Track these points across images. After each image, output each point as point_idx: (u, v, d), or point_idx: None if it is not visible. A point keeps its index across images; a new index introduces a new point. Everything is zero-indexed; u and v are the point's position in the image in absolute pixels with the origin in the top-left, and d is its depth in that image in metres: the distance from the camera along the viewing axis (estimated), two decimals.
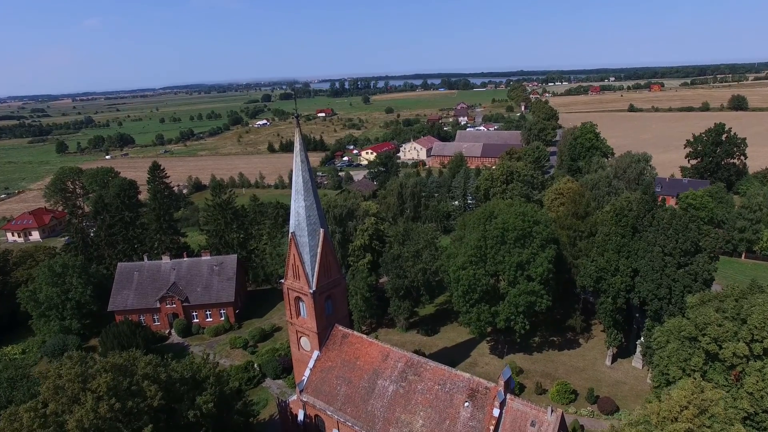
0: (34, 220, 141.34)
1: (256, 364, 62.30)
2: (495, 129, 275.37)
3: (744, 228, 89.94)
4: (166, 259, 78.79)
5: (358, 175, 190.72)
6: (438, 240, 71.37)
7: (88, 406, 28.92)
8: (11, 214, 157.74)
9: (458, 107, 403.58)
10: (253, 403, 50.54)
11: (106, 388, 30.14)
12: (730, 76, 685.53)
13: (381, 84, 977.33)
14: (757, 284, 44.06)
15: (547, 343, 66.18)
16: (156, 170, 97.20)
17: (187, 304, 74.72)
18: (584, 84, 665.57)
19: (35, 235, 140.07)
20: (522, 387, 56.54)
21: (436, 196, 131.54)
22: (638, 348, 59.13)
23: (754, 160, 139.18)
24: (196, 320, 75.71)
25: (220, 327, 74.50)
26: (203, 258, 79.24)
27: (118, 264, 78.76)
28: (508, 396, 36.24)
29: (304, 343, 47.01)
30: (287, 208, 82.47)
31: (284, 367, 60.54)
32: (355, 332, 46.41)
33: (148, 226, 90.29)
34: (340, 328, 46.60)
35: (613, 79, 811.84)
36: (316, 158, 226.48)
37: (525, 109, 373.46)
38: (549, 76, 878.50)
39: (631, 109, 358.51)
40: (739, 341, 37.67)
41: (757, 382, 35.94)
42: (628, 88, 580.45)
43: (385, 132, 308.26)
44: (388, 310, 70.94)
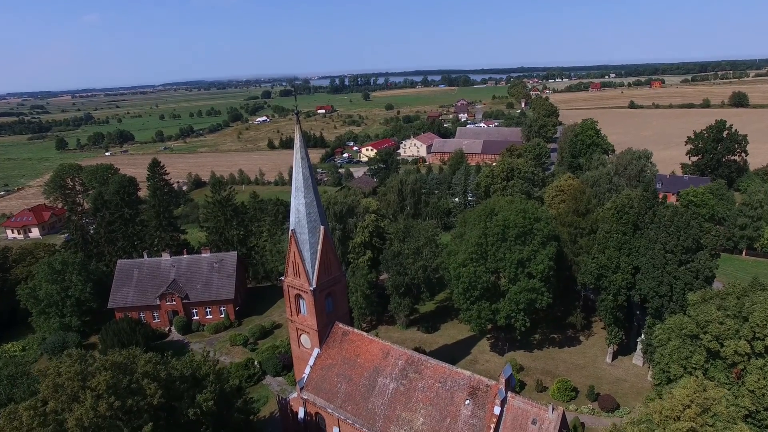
0: (34, 217, 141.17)
1: (256, 362, 62.25)
2: (495, 126, 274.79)
3: (745, 225, 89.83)
4: (165, 256, 78.67)
5: (358, 172, 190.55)
6: (438, 237, 71.25)
7: (87, 404, 28.82)
8: (11, 211, 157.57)
9: (458, 104, 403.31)
10: (253, 400, 50.52)
11: (106, 387, 30.03)
12: (731, 72, 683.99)
13: (381, 80, 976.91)
14: (758, 282, 43.92)
15: (548, 340, 66.12)
16: (156, 167, 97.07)
17: (187, 302, 74.64)
18: (585, 81, 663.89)
19: (35, 232, 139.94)
20: (522, 384, 56.49)
21: (437, 193, 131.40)
22: (639, 345, 59.07)
23: (754, 157, 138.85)
24: (196, 317, 75.66)
25: (220, 324, 74.45)
26: (203, 255, 79.11)
27: (118, 261, 78.65)
28: (509, 394, 36.15)
29: (305, 340, 46.92)
30: (287, 205, 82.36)
31: (284, 365, 60.50)
32: (355, 330, 46.30)
33: (147, 223, 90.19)
34: (341, 325, 46.48)
35: (613, 75, 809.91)
36: (316, 155, 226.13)
37: (525, 105, 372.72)
38: (549, 73, 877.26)
39: (632, 105, 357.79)
40: (741, 339, 37.57)
41: (759, 380, 35.87)
42: (629, 85, 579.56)
43: (385, 129, 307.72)
44: (389, 308, 70.87)
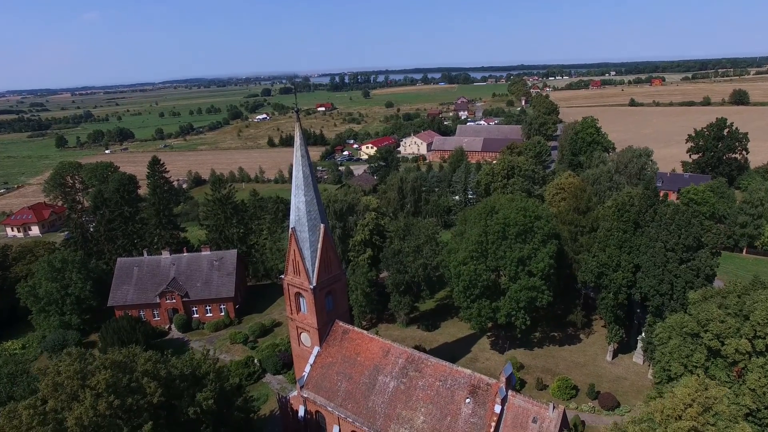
0: (34, 215, 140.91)
1: (256, 360, 62.20)
2: (495, 123, 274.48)
3: (745, 223, 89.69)
4: (165, 254, 78.56)
5: (358, 170, 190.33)
6: (439, 235, 71.16)
7: (87, 403, 28.75)
8: (11, 209, 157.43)
9: (458, 101, 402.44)
10: (253, 399, 50.48)
11: (105, 385, 29.95)
12: (732, 70, 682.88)
13: (381, 78, 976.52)
14: (759, 280, 43.76)
15: (548, 338, 66.08)
16: (155, 165, 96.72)
17: (187, 300, 74.58)
18: (585, 78, 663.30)
19: (35, 230, 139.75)
20: (523, 382, 56.47)
21: (437, 190, 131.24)
22: (639, 343, 59.03)
23: (755, 155, 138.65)
24: (196, 315, 75.61)
25: (220, 322, 74.39)
26: (203, 253, 79.03)
27: (118, 259, 78.55)
28: (510, 392, 36.09)
29: (305, 338, 46.85)
30: (287, 203, 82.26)
31: (284, 363, 60.46)
32: (355, 328, 46.24)
33: (147, 221, 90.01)
34: (341, 324, 46.41)
35: (613, 73, 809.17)
36: (316, 153, 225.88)
37: (525, 103, 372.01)
38: (549, 71, 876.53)
39: (632, 103, 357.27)
40: (742, 337, 37.51)
41: (760, 378, 35.82)
42: (629, 83, 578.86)
43: (385, 126, 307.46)
44: (389, 306, 70.82)
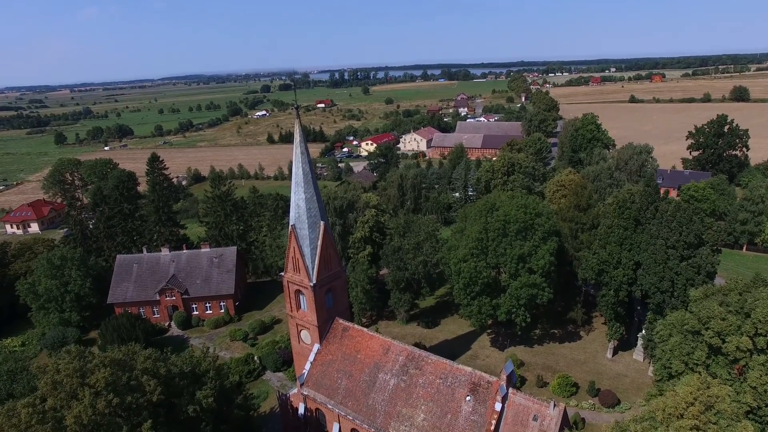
0: (33, 211, 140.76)
1: (256, 357, 62.15)
2: (495, 120, 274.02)
3: (746, 220, 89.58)
4: (165, 251, 78.40)
5: (357, 167, 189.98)
6: (439, 232, 70.97)
7: (86, 401, 28.64)
8: (10, 206, 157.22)
9: (458, 98, 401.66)
10: (253, 396, 50.41)
11: (105, 384, 29.84)
12: (732, 66, 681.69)
13: (381, 75, 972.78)
14: (761, 278, 43.72)
15: (548, 335, 66.04)
16: (155, 162, 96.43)
17: (187, 297, 74.47)
18: (585, 75, 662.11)
19: (34, 227, 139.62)
20: (523, 380, 56.45)
21: (437, 187, 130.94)
22: (639, 341, 58.97)
23: (756, 152, 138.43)
24: (195, 312, 75.51)
25: (219, 319, 74.32)
26: (203, 250, 78.88)
27: (117, 256, 78.36)
28: (510, 390, 36.03)
29: (305, 336, 46.75)
30: (287, 200, 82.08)
31: (284, 360, 60.43)
32: (355, 325, 46.12)
33: (147, 218, 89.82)
34: (341, 321, 46.30)
35: (614, 69, 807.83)
36: (315, 149, 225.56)
37: (525, 100, 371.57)
38: (549, 67, 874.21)
39: (632, 100, 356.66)
40: (743, 335, 37.41)
41: (761, 376, 35.76)
42: (629, 79, 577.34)
43: (384, 123, 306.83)
44: (389, 303, 70.72)
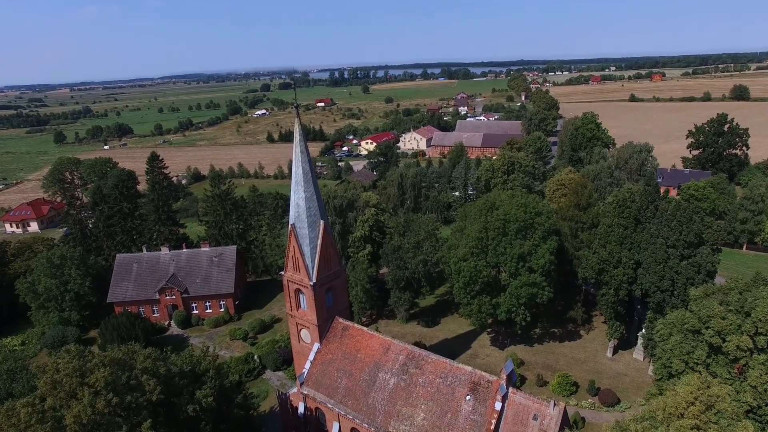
0: (33, 210, 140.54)
1: (256, 356, 62.10)
2: (495, 119, 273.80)
3: (746, 219, 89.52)
4: (165, 250, 78.32)
5: (357, 165, 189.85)
6: (439, 231, 70.93)
7: (85, 401, 28.57)
8: (9, 205, 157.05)
9: (458, 97, 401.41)
10: (253, 395, 50.28)
11: (104, 383, 29.75)
12: (732, 65, 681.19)
13: (380, 73, 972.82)
14: (761, 277, 43.66)
15: (548, 334, 66.02)
16: (155, 160, 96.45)
17: (187, 296, 74.41)
18: (585, 74, 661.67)
19: (33, 226, 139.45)
20: (523, 379, 56.42)
21: (437, 186, 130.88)
22: (639, 340, 58.94)
23: (756, 151, 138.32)
24: (195, 312, 75.44)
25: (219, 318, 74.27)
26: (202, 249, 78.80)
27: (117, 255, 78.28)
28: (510, 389, 36.00)
29: (305, 335, 46.71)
30: (286, 199, 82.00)
31: (284, 359, 60.39)
32: (355, 324, 46.08)
33: (146, 217, 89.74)
34: (341, 320, 46.26)
35: (614, 68, 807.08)
36: (315, 148, 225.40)
37: (525, 98, 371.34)
38: (549, 66, 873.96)
39: (632, 99, 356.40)
40: (743, 334, 37.40)
41: (761, 375, 35.76)
42: (629, 78, 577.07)
43: (384, 122, 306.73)
44: (389, 302, 70.68)
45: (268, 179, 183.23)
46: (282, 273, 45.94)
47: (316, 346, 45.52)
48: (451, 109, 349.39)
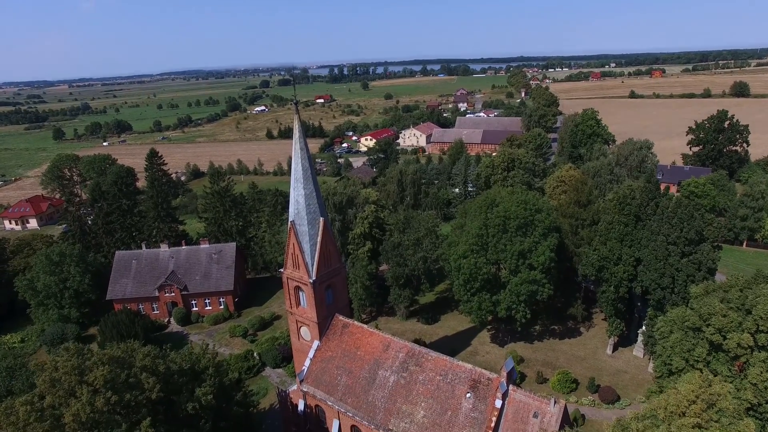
0: (32, 207, 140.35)
1: (255, 353, 62.04)
2: (495, 115, 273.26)
3: (746, 216, 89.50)
4: (164, 247, 78.17)
5: (357, 162, 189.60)
6: (438, 228, 70.77)
7: (84, 399, 28.47)
8: (8, 202, 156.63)
9: (458, 93, 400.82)
10: (252, 393, 50.27)
11: (103, 381, 29.67)
12: (732, 62, 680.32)
13: (380, 70, 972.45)
14: (762, 274, 43.52)
15: (548, 331, 65.98)
16: (154, 157, 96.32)
17: (186, 293, 74.30)
18: (585, 70, 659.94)
19: (32, 223, 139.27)
20: (523, 376, 56.40)
21: (437, 183, 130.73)
22: (639, 337, 58.93)
23: (756, 148, 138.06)
24: (195, 309, 75.38)
25: (219, 315, 74.20)
26: (202, 246, 78.62)
27: (116, 252, 78.14)
28: (511, 387, 35.88)
29: (304, 332, 46.61)
30: (286, 196, 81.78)
31: (284, 356, 60.30)
32: (355, 322, 45.98)
33: (146, 214, 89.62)
34: (341, 317, 46.15)
35: (613, 65, 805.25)
36: (314, 145, 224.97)
37: (525, 95, 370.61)
38: (549, 62, 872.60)
39: (632, 95, 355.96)
40: (744, 332, 37.26)
41: (762, 373, 35.65)
42: (629, 74, 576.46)
43: (384, 118, 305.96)
44: (388, 299, 70.61)
45: (267, 176, 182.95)
46: (282, 270, 45.80)
47: (316, 343, 45.42)
48: (450, 106, 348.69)
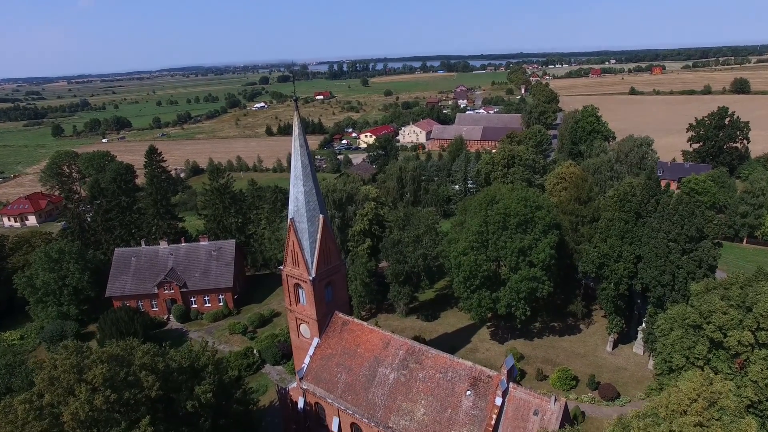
0: (31, 204, 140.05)
1: (255, 350, 61.99)
2: (495, 112, 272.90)
3: (746, 213, 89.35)
4: (163, 244, 78.00)
5: (356, 159, 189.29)
6: (438, 225, 70.69)
7: (83, 397, 28.37)
8: (7, 199, 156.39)
9: (458, 90, 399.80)
10: (252, 390, 50.23)
11: (102, 380, 29.56)
12: (733, 58, 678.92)
13: (380, 66, 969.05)
14: (762, 271, 43.43)
15: (548, 328, 65.93)
16: (153, 154, 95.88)
17: (186, 290, 74.18)
18: (585, 66, 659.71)
19: (32, 220, 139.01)
20: (523, 373, 56.35)
21: (436, 180, 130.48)
22: (639, 334, 58.87)
23: (756, 144, 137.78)
24: (194, 306, 75.29)
25: (218, 312, 74.11)
26: (201, 243, 78.49)
27: (116, 249, 77.98)
28: (511, 384, 35.81)
29: (304, 330, 46.51)
30: (285, 192, 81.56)
31: (284, 353, 60.26)
32: (355, 319, 45.87)
33: (145, 211, 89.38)
34: (341, 315, 46.03)
35: (613, 61, 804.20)
36: (314, 141, 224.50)
37: (525, 91, 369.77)
38: (549, 59, 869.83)
39: (633, 92, 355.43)
40: (744, 329, 37.21)
41: (762, 370, 35.59)
42: (629, 71, 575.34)
43: (383, 115, 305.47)
44: (388, 296, 70.51)
45: (267, 172, 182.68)
46: (281, 267, 45.65)
47: (316, 341, 45.32)
48: (450, 102, 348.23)
